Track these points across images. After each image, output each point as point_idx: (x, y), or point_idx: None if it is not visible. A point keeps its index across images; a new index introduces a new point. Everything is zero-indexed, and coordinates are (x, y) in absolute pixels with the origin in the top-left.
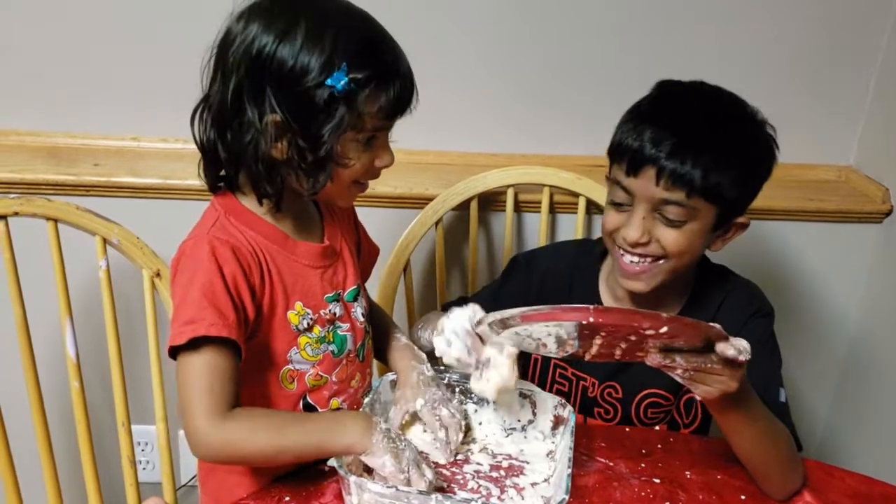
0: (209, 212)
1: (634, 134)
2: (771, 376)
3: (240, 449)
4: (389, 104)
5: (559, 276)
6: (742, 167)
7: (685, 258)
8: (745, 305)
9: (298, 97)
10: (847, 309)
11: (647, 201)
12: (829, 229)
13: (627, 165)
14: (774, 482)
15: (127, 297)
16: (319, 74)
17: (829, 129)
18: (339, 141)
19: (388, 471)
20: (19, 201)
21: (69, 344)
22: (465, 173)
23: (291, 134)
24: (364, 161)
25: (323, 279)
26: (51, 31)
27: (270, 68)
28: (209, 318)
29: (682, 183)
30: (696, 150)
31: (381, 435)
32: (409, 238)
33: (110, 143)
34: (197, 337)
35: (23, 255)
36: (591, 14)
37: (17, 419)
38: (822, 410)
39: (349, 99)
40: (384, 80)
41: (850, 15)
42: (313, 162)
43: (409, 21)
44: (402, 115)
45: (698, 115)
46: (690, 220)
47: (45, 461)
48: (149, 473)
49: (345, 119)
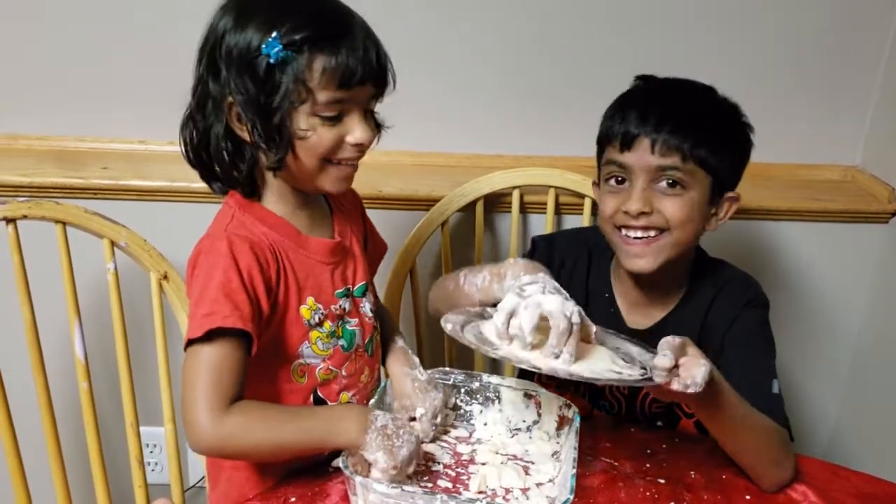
0: (224, 210)
1: (620, 118)
2: (764, 367)
3: (236, 445)
4: (336, 72)
5: (577, 260)
6: (725, 141)
7: (687, 229)
8: (738, 295)
9: (245, 71)
10: (853, 309)
11: (645, 172)
12: (835, 229)
13: (621, 143)
14: (760, 473)
15: (135, 299)
16: (259, 45)
17: (835, 129)
18: (295, 113)
19: (381, 466)
20: (28, 204)
21: (77, 346)
22: (470, 175)
23: (246, 110)
24: (330, 136)
25: (333, 275)
26: (59, 37)
27: (222, 49)
28: (225, 311)
29: (676, 148)
30: (681, 123)
31: (375, 433)
32: (414, 239)
33: (118, 147)
34: (213, 329)
35: (32, 257)
36: (598, 15)
37: (26, 420)
38: (829, 410)
39: (288, 67)
40: (323, 44)
41: (855, 14)
42: (269, 136)
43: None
44: (363, 90)
45: (677, 96)
46: (689, 187)
47: (54, 462)
48: (157, 475)
49: (289, 89)
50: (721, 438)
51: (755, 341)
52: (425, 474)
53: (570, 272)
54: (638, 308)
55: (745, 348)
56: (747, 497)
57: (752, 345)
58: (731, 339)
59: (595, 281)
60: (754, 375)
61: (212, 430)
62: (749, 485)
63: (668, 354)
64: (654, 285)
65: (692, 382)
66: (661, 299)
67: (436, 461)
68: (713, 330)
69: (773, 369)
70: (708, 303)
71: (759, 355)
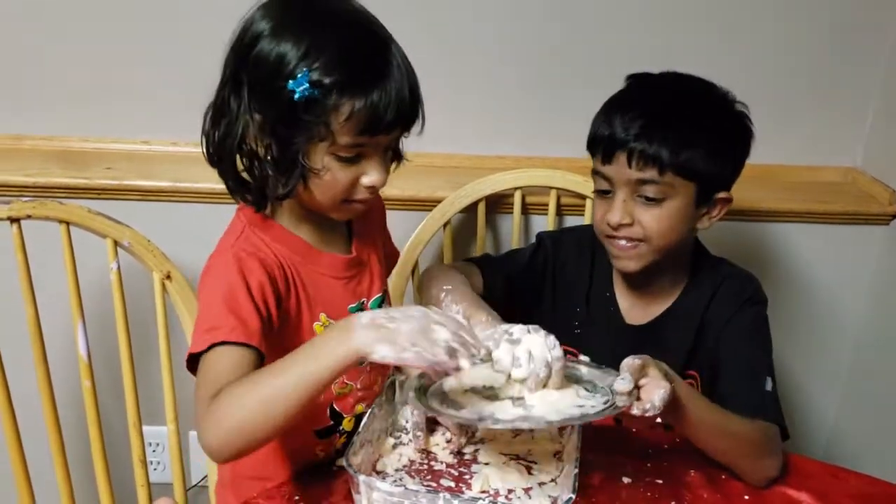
0: (235, 224)
1: (605, 123)
2: (759, 364)
3: (229, 419)
4: (363, 117)
5: (580, 260)
6: (713, 142)
7: (667, 237)
8: (738, 293)
9: (268, 96)
10: (853, 310)
11: (624, 185)
12: (836, 231)
13: (602, 154)
14: (743, 470)
15: (138, 298)
16: (287, 76)
17: (835, 130)
18: (310, 149)
19: (390, 358)
20: (32, 204)
21: (81, 345)
22: (472, 176)
23: (262, 133)
24: (346, 176)
25: (346, 289)
26: (63, 38)
27: (249, 60)
28: (230, 325)
29: (653, 161)
30: (663, 129)
31: (364, 330)
32: (417, 240)
33: (121, 147)
34: (216, 343)
35: (36, 257)
36: (600, 15)
37: (29, 419)
38: (829, 411)
39: (313, 107)
40: (354, 89)
41: (856, 15)
42: (282, 166)
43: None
44: (390, 133)
45: (666, 96)
46: (668, 197)
47: (57, 461)
48: (160, 474)
49: (311, 128)
50: (696, 444)
51: (752, 338)
52: (427, 473)
53: (572, 271)
54: (637, 305)
55: (740, 344)
56: (746, 497)
57: (748, 341)
58: (728, 335)
59: (597, 280)
60: (748, 371)
61: (206, 421)
62: (747, 485)
63: (628, 377)
64: (650, 282)
65: (650, 406)
66: (659, 295)
67: (438, 461)
68: (712, 326)
69: (768, 366)
70: (707, 299)
71: (755, 352)
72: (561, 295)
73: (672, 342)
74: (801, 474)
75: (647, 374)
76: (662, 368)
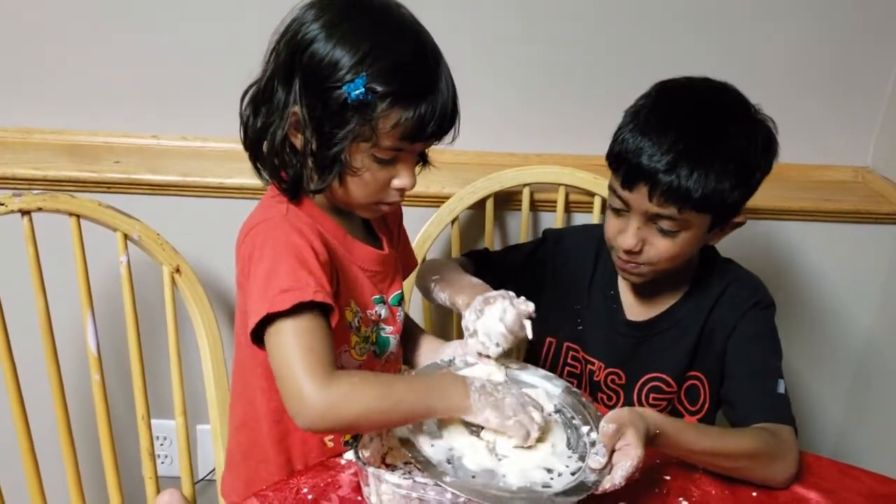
0: (273, 202)
1: (632, 145)
2: (769, 368)
3: (344, 413)
4: (408, 126)
5: (584, 258)
6: (740, 174)
7: (674, 262)
8: (744, 297)
9: (319, 94)
10: (862, 309)
11: (641, 214)
12: (845, 230)
13: (623, 178)
14: (759, 480)
15: (147, 292)
16: (341, 78)
17: (846, 129)
18: (352, 149)
19: (494, 424)
20: (43, 197)
21: (90, 338)
22: (481, 172)
23: (306, 129)
24: (381, 177)
25: (371, 281)
26: (73, 32)
27: (303, 58)
28: (313, 285)
29: (675, 199)
30: (691, 166)
31: (477, 394)
32: (425, 237)
33: (131, 141)
34: (303, 302)
35: (46, 250)
36: (610, 14)
37: (39, 412)
38: (837, 411)
39: (364, 110)
40: (406, 100)
41: (866, 16)
42: (322, 161)
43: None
44: (428, 142)
45: (696, 124)
46: (683, 230)
47: (66, 453)
48: (168, 467)
49: (357, 129)
50: (700, 466)
51: (761, 342)
52: None
53: (574, 270)
54: (640, 302)
55: (750, 349)
56: (753, 494)
57: (757, 346)
58: (737, 340)
59: (600, 279)
60: (760, 376)
61: (318, 398)
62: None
63: (602, 452)
64: (655, 283)
65: (610, 485)
66: (664, 295)
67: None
68: (716, 330)
69: (778, 370)
70: (712, 301)
71: (765, 356)
72: (563, 291)
73: (673, 340)
74: (811, 472)
75: (623, 436)
76: (642, 426)
